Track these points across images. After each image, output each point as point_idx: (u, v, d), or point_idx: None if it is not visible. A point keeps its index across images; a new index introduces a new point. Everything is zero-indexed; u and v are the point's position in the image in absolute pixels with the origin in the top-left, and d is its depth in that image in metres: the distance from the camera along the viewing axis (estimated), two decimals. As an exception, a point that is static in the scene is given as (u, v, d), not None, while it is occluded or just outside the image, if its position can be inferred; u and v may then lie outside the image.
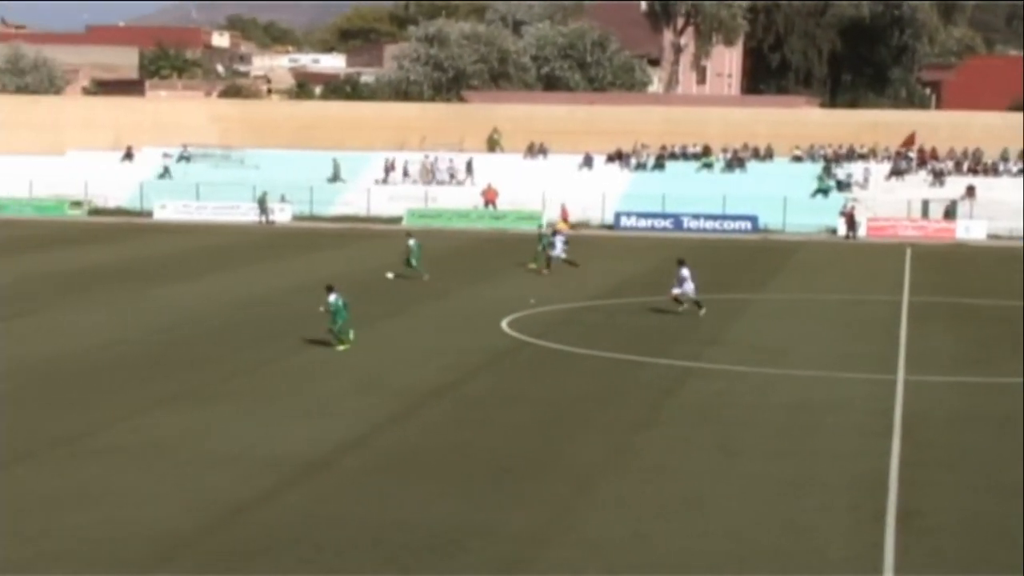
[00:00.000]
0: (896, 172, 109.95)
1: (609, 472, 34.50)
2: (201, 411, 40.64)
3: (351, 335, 50.79)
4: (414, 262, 71.29)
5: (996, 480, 33.72)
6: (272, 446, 36.34)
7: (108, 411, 40.28)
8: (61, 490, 32.20)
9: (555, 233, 75.22)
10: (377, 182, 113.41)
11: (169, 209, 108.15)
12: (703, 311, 58.15)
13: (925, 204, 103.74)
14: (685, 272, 58.23)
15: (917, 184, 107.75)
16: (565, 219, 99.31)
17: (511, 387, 45.01)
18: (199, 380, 45.23)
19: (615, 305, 62.47)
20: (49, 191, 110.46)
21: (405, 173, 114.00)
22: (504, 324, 56.89)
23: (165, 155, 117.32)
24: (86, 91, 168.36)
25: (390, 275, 70.37)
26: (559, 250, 73.27)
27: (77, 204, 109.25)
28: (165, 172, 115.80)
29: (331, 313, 50.27)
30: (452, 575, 26.40)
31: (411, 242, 72.56)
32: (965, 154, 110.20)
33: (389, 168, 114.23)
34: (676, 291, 58.35)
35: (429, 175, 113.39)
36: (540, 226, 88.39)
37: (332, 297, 50.25)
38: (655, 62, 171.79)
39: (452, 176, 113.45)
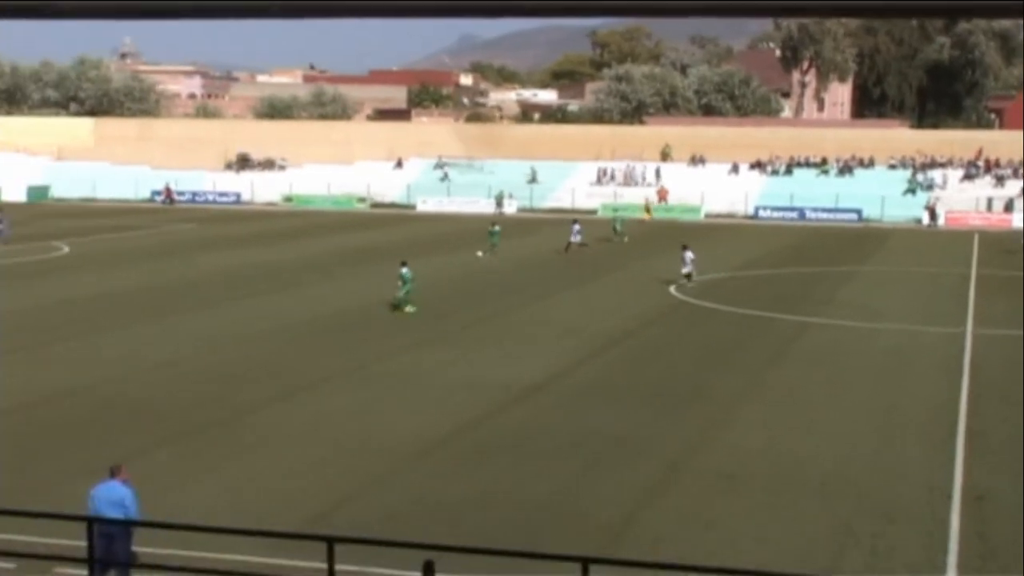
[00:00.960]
0: (967, 176, 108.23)
1: (747, 399, 34.43)
2: (448, 350, 41.14)
3: (410, 305, 48.64)
4: (495, 241, 71.31)
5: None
6: (500, 374, 36.69)
7: (380, 349, 40.92)
8: (343, 406, 32.81)
9: (575, 222, 74.13)
10: (591, 183, 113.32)
11: (428, 203, 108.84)
12: (690, 283, 57.08)
13: (989, 201, 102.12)
14: (688, 255, 57.36)
15: (983, 186, 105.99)
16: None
17: (675, 334, 44.98)
18: (447, 327, 45.74)
19: (754, 275, 62.07)
20: (342, 190, 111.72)
21: (612, 177, 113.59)
22: (672, 289, 56.77)
23: (436, 166, 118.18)
24: (369, 118, 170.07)
25: (480, 254, 70.50)
26: (575, 236, 72.41)
27: (362, 200, 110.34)
28: (445, 176, 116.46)
29: (403, 282, 48.59)
30: (633, 471, 26.58)
31: (495, 228, 73.05)
32: (1021, 163, 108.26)
33: (602, 175, 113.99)
34: (685, 270, 57.31)
35: (630, 179, 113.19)
36: (615, 211, 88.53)
37: (404, 270, 48.82)
38: (786, 95, 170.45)
39: (644, 179, 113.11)
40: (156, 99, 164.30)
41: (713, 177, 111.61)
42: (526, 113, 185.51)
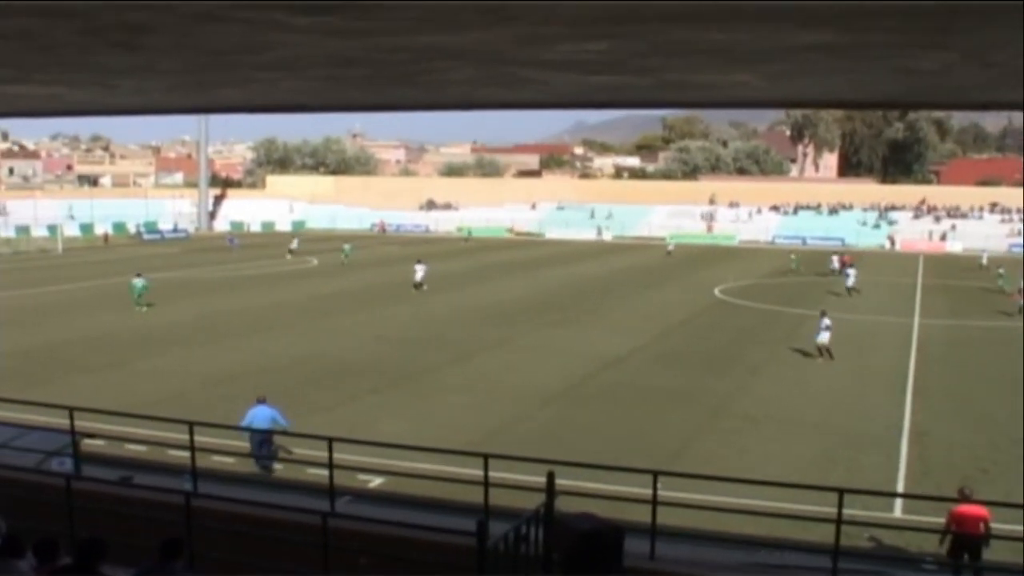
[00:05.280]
0: (915, 216, 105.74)
1: (765, 366, 33.99)
2: (565, 330, 40.99)
3: (143, 307, 44.77)
4: (345, 257, 71.49)
5: (967, 370, 32.50)
6: (599, 348, 36.49)
7: (521, 329, 40.93)
8: (495, 367, 32.85)
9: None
10: (669, 216, 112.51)
11: (553, 233, 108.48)
12: (418, 291, 56.15)
13: (930, 233, 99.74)
14: (419, 266, 56.70)
15: (926, 223, 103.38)
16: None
17: (717, 321, 44.41)
18: (565, 315, 45.48)
19: (771, 282, 61.04)
20: (494, 224, 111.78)
21: (708, 216, 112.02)
22: (716, 291, 56.15)
23: (558, 208, 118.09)
24: (513, 176, 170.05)
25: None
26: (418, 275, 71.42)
27: (510, 230, 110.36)
28: (559, 210, 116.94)
29: (140, 289, 45.30)
30: (687, 414, 26.34)
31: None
32: (954, 208, 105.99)
33: (707, 216, 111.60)
34: (417, 278, 56.80)
35: (709, 218, 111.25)
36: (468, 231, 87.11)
37: (141, 281, 45.60)
38: (793, 160, 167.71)
39: (702, 217, 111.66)
40: (374, 163, 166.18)
41: (742, 216, 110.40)
42: (618, 173, 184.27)
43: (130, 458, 19.80)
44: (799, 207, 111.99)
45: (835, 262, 67.43)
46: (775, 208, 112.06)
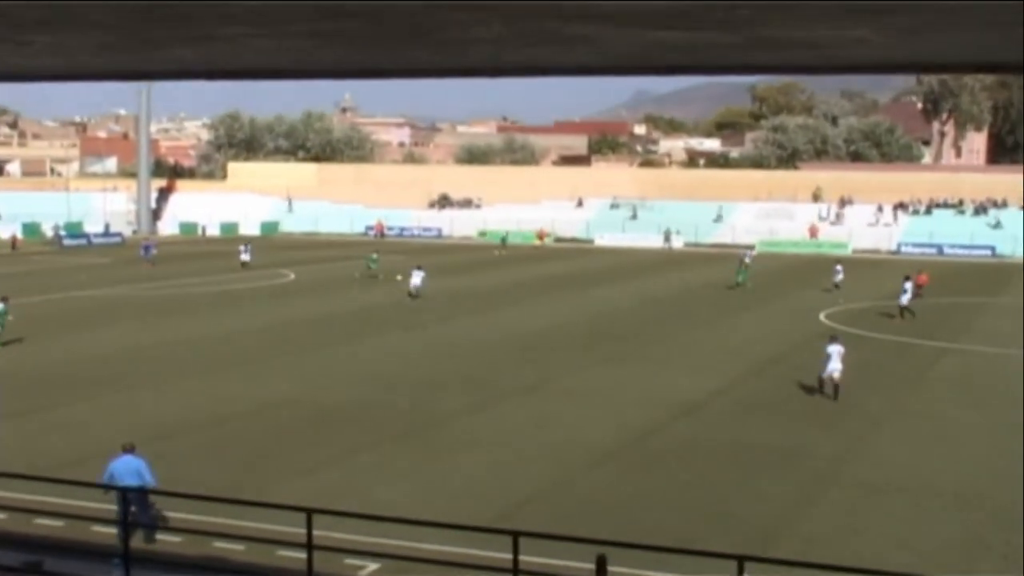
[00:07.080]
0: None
1: (889, 417, 33.73)
2: (619, 369, 40.91)
3: None
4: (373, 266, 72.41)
5: None
6: (667, 392, 36.42)
7: (561, 367, 40.88)
8: (526, 418, 32.82)
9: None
10: (758, 217, 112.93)
11: (605, 238, 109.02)
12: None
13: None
14: (418, 272, 60.68)
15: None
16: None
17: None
18: (622, 349, 45.47)
19: (896, 304, 60.59)
20: (527, 226, 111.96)
21: (791, 219, 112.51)
22: (822, 316, 55.93)
23: (612, 205, 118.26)
24: (553, 163, 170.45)
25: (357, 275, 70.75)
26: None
27: (548, 234, 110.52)
28: (614, 208, 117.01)
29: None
30: (785, 480, 26.23)
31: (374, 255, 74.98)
32: None
33: (822, 217, 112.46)
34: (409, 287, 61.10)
35: (835, 217, 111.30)
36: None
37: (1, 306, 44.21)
38: (926, 143, 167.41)
39: (819, 217, 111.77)
40: (370, 147, 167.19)
41: (859, 216, 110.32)
42: (692, 159, 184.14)
43: (40, 536, 19.79)
44: (934, 204, 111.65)
45: (838, 272, 68.42)
46: (901, 206, 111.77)
